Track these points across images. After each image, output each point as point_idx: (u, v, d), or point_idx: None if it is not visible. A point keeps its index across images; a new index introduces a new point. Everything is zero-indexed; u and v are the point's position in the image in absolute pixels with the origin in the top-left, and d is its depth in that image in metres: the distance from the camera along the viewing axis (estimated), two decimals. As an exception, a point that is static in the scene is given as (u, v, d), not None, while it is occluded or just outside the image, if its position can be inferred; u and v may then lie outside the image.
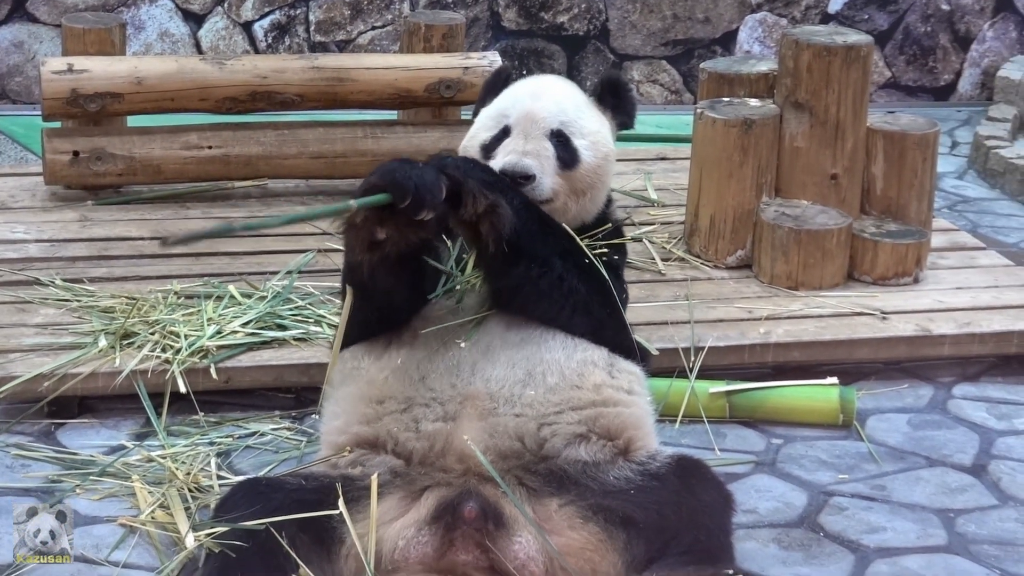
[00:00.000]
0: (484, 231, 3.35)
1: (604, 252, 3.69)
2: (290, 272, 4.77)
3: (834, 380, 4.43)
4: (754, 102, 5.19)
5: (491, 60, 5.70)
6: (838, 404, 4.36)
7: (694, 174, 5.17)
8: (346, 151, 5.64)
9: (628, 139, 3.96)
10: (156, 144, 5.49)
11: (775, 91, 5.22)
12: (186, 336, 4.30)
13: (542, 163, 3.63)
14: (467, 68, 5.68)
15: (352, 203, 3.22)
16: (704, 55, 7.87)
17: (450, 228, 3.42)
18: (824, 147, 5.09)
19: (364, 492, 3.31)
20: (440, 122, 5.80)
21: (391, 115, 5.96)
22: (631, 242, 4.52)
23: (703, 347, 4.46)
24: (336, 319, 4.00)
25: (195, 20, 7.58)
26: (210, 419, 4.21)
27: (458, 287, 3.62)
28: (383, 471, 3.37)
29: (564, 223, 3.68)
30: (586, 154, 3.72)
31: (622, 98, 3.93)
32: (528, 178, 3.59)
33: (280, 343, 4.39)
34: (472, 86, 5.57)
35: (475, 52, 5.92)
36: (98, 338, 4.29)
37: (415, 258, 3.44)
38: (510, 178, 3.57)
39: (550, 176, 3.65)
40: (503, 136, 3.71)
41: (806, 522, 3.88)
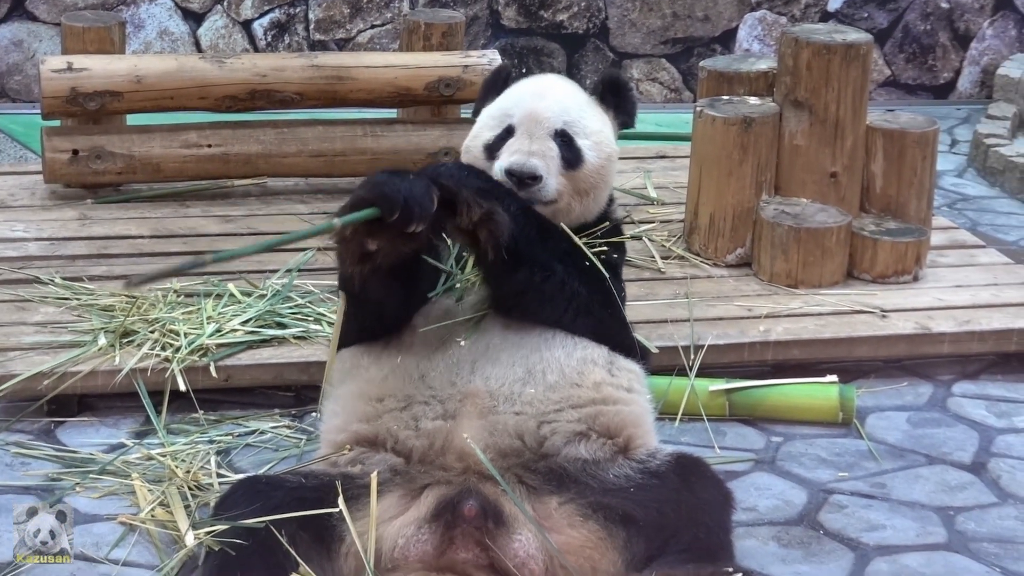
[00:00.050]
0: (482, 239, 3.34)
1: (603, 251, 3.69)
2: (290, 270, 4.76)
3: (834, 378, 4.43)
4: (754, 100, 5.19)
5: (490, 58, 5.70)
6: (838, 402, 4.36)
7: (694, 172, 5.16)
8: (345, 149, 5.64)
9: (628, 137, 3.95)
10: (156, 142, 5.49)
11: (775, 89, 5.22)
12: (186, 334, 4.30)
13: (547, 163, 3.62)
14: (467, 66, 5.68)
15: (336, 222, 3.19)
16: (704, 53, 7.86)
17: (448, 232, 3.41)
18: (824, 145, 5.09)
19: (364, 490, 3.30)
20: (440, 120, 5.79)
21: (391, 113, 5.96)
22: (630, 240, 4.51)
23: (703, 345, 4.46)
24: (336, 316, 4.00)
25: (194, 19, 7.58)
26: (210, 417, 4.21)
27: (458, 285, 3.62)
28: (383, 469, 3.36)
29: (567, 223, 3.68)
30: (590, 154, 3.71)
31: (623, 97, 3.92)
32: (535, 178, 3.58)
33: (280, 341, 4.39)
34: (472, 84, 5.57)
35: (474, 50, 5.92)
36: (98, 336, 4.29)
37: (408, 268, 3.42)
38: (517, 178, 3.57)
39: (554, 176, 3.64)
40: (507, 136, 3.70)
41: (806, 520, 3.88)
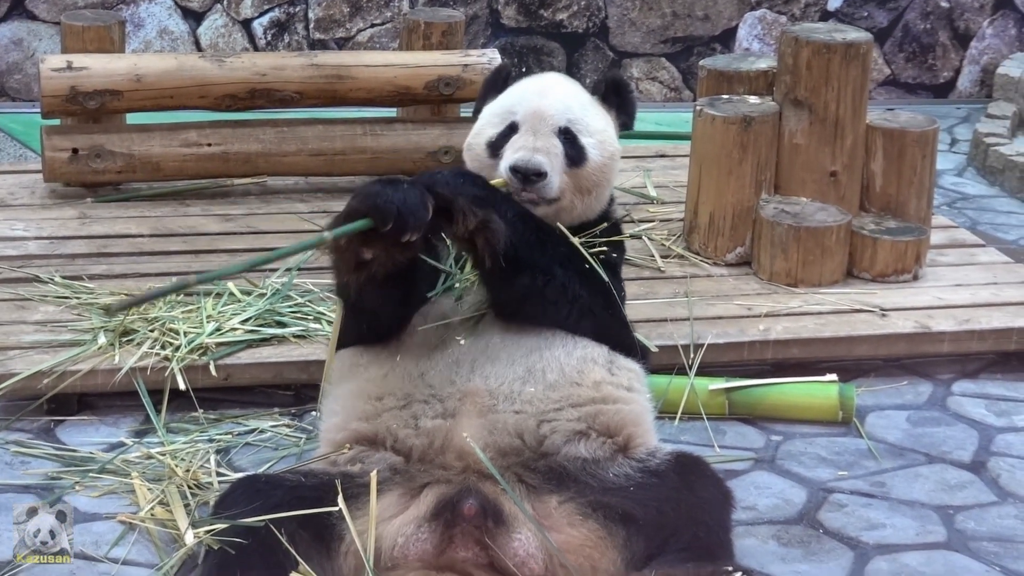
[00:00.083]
0: (479, 246, 3.34)
1: (602, 251, 3.68)
2: (289, 269, 4.75)
3: (833, 377, 4.43)
4: (753, 99, 5.19)
5: (490, 57, 5.70)
6: (837, 401, 4.36)
7: (693, 171, 5.16)
8: (345, 148, 5.64)
9: (628, 136, 3.95)
10: (155, 141, 5.49)
11: (774, 88, 5.22)
12: (185, 333, 4.30)
13: (551, 160, 3.61)
14: (466, 65, 5.68)
15: (327, 235, 3.18)
16: (703, 52, 7.86)
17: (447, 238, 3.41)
18: (823, 144, 5.09)
19: (363, 489, 3.30)
20: (439, 119, 5.79)
21: (390, 112, 5.96)
22: (630, 239, 4.52)
23: (702, 344, 4.46)
24: (334, 321, 3.99)
25: (194, 18, 7.57)
26: (209, 416, 4.21)
27: (457, 285, 3.61)
28: (382, 468, 3.36)
29: (568, 221, 3.67)
30: (593, 152, 3.70)
31: (624, 99, 3.90)
32: (540, 175, 3.57)
33: (279, 340, 4.39)
34: (471, 83, 5.57)
35: (474, 49, 5.92)
36: (97, 335, 4.29)
37: (404, 275, 3.41)
38: (522, 175, 3.56)
39: (558, 173, 3.63)
40: (510, 133, 3.68)
41: (805, 519, 3.88)
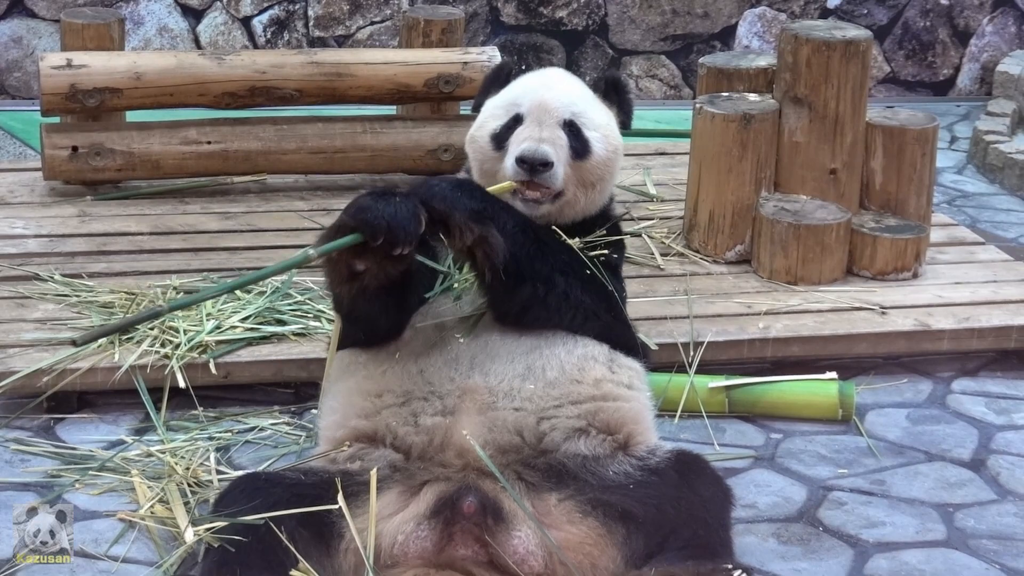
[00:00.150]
0: (479, 259, 3.35)
1: (602, 253, 3.67)
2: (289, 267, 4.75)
3: (833, 375, 4.43)
4: (753, 97, 5.18)
5: (490, 55, 5.70)
6: (837, 399, 4.36)
7: (693, 169, 5.16)
8: (345, 146, 5.64)
9: (627, 134, 3.95)
10: (155, 139, 5.49)
11: (774, 86, 5.22)
12: (185, 331, 4.30)
13: (557, 151, 3.60)
14: (466, 63, 5.67)
15: (311, 252, 3.19)
16: (703, 50, 7.86)
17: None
18: (823, 142, 5.08)
19: (363, 487, 3.30)
20: (439, 117, 5.79)
21: (390, 110, 5.96)
22: (629, 237, 4.51)
23: (702, 342, 4.46)
24: (334, 321, 3.99)
25: (194, 15, 7.57)
26: (209, 414, 4.21)
27: (455, 286, 3.60)
28: (382, 465, 3.36)
29: (571, 216, 3.68)
30: (597, 146, 3.70)
31: (622, 97, 3.90)
32: (547, 164, 3.56)
33: (279, 338, 4.38)
34: (471, 81, 5.57)
35: (474, 47, 5.92)
36: (97, 333, 4.29)
37: (397, 286, 3.39)
38: (528, 165, 3.56)
39: (563, 165, 3.62)
40: (514, 125, 3.67)
41: (805, 517, 3.88)
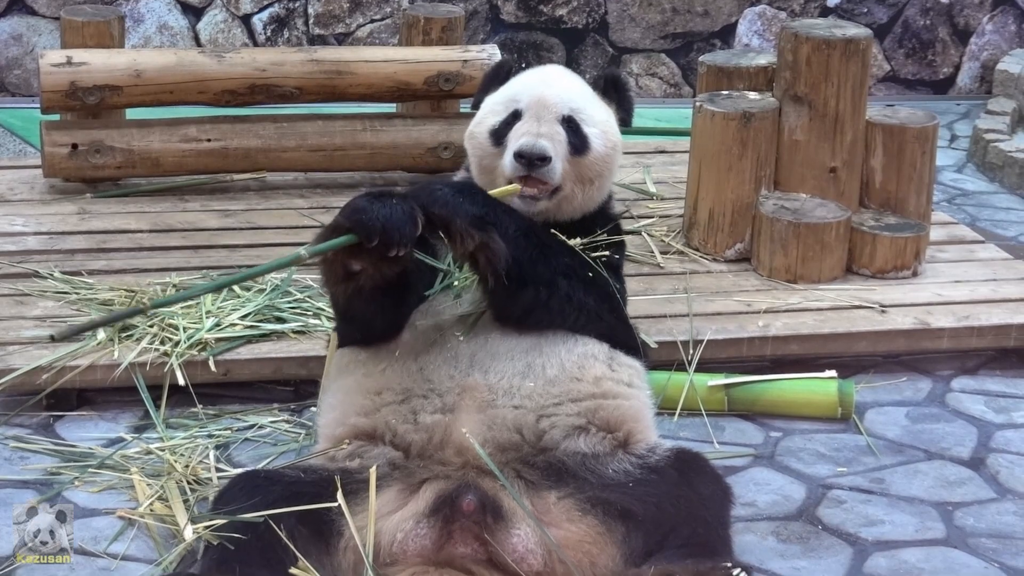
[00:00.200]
0: (481, 264, 3.35)
1: (604, 254, 3.67)
2: (289, 265, 4.75)
3: (833, 373, 4.43)
4: (753, 95, 5.18)
5: (490, 53, 5.70)
6: (837, 397, 4.36)
7: (693, 167, 5.16)
8: (345, 144, 5.64)
9: (627, 132, 3.96)
10: (155, 137, 5.49)
11: (774, 84, 5.22)
12: (185, 329, 4.30)
13: (555, 146, 3.61)
14: (466, 61, 5.68)
15: (303, 252, 3.19)
16: (703, 48, 7.87)
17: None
18: (823, 140, 5.08)
19: (362, 484, 3.30)
20: (439, 115, 5.79)
21: (390, 108, 5.96)
22: (629, 235, 4.51)
23: (702, 340, 4.46)
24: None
25: (194, 13, 7.58)
26: (209, 412, 4.21)
27: (455, 284, 3.60)
28: (381, 463, 3.36)
29: (568, 212, 3.68)
30: (596, 142, 3.70)
31: (622, 95, 3.91)
32: (544, 159, 3.57)
33: (279, 336, 4.38)
34: (471, 79, 5.57)
35: (474, 45, 5.92)
36: (97, 331, 4.29)
37: (393, 286, 3.39)
38: (526, 160, 3.56)
39: (561, 160, 3.63)
40: (513, 120, 3.68)
41: (804, 515, 3.88)
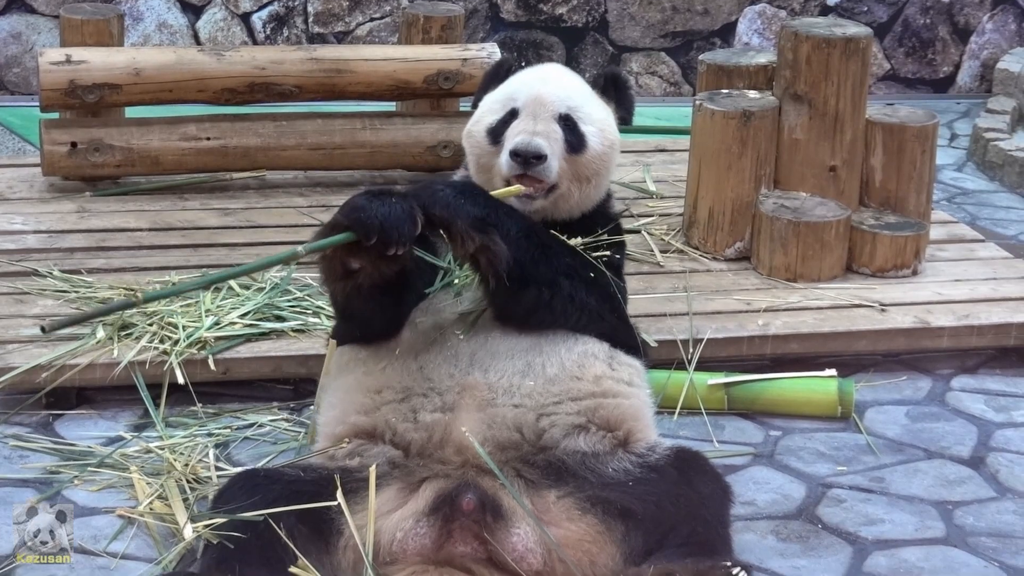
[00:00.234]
0: (482, 266, 3.35)
1: (605, 254, 3.67)
2: (289, 263, 4.75)
3: (832, 372, 4.44)
4: (753, 94, 5.18)
5: (490, 52, 5.71)
6: (836, 396, 4.36)
7: (693, 166, 5.16)
8: (344, 142, 5.64)
9: (627, 131, 3.96)
10: (154, 135, 5.49)
11: (774, 83, 5.22)
12: (184, 327, 4.30)
13: (551, 144, 3.61)
14: (466, 60, 5.68)
15: (300, 249, 3.20)
16: (703, 47, 7.87)
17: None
18: (823, 139, 5.09)
19: (362, 483, 3.30)
20: (439, 114, 5.79)
21: (389, 106, 5.96)
22: (629, 234, 4.51)
23: (701, 339, 4.46)
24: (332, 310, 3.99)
25: (193, 11, 7.58)
26: (208, 410, 4.21)
27: (456, 282, 3.61)
28: (381, 462, 3.36)
29: (566, 211, 3.69)
30: (593, 140, 3.70)
31: (622, 94, 3.91)
32: (540, 157, 3.57)
33: (278, 334, 4.39)
34: (471, 78, 5.57)
35: (474, 44, 5.92)
36: (96, 329, 4.29)
37: (392, 284, 3.39)
38: (522, 158, 3.56)
39: (557, 159, 3.62)
40: (510, 119, 3.68)
41: (804, 514, 3.88)
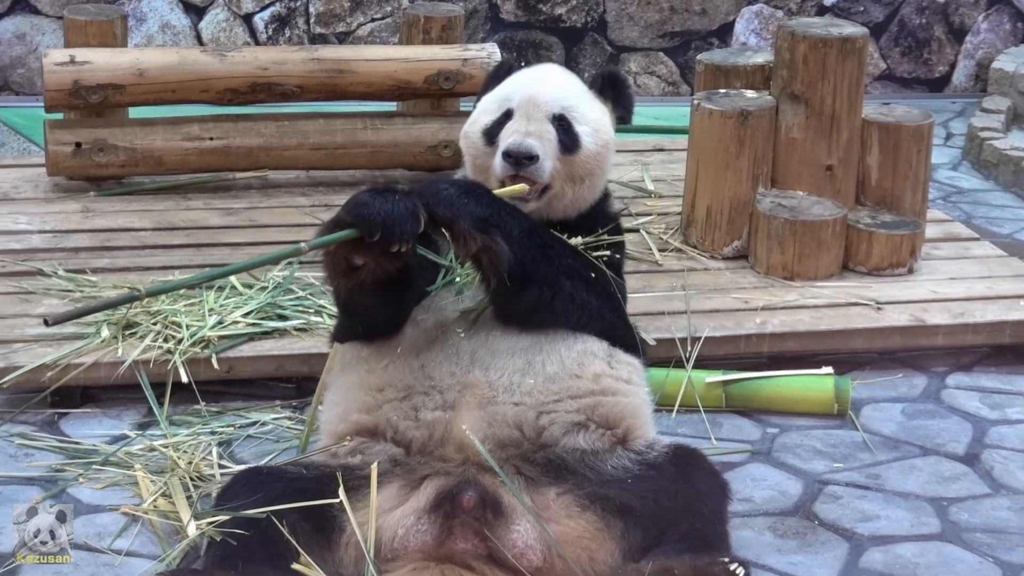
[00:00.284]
0: (484, 265, 3.37)
1: (605, 254, 3.68)
2: (291, 262, 4.77)
3: (829, 370, 4.45)
4: (750, 93, 5.20)
5: (490, 52, 5.72)
6: (833, 393, 4.38)
7: (691, 165, 5.19)
8: (346, 142, 5.66)
9: (625, 130, 3.97)
10: (158, 135, 5.51)
11: (771, 83, 5.24)
12: (188, 326, 4.32)
13: (544, 145, 3.61)
14: (466, 60, 5.70)
15: (302, 246, 3.22)
16: (701, 47, 7.89)
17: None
18: (820, 138, 5.11)
19: (364, 481, 3.32)
20: (439, 113, 5.81)
21: (390, 106, 5.98)
22: (628, 233, 4.53)
23: (699, 337, 4.48)
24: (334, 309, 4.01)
25: (196, 12, 7.60)
26: (212, 409, 4.23)
27: (457, 280, 3.62)
28: (383, 460, 3.38)
29: (559, 209, 3.69)
30: (587, 140, 3.70)
31: (621, 93, 3.90)
32: (532, 158, 3.57)
33: (281, 333, 4.41)
34: (471, 78, 5.59)
35: (474, 44, 5.93)
36: (101, 328, 4.31)
37: (395, 281, 3.40)
38: (514, 159, 3.57)
39: (551, 159, 3.63)
40: (505, 119, 3.69)
41: (801, 510, 3.90)
